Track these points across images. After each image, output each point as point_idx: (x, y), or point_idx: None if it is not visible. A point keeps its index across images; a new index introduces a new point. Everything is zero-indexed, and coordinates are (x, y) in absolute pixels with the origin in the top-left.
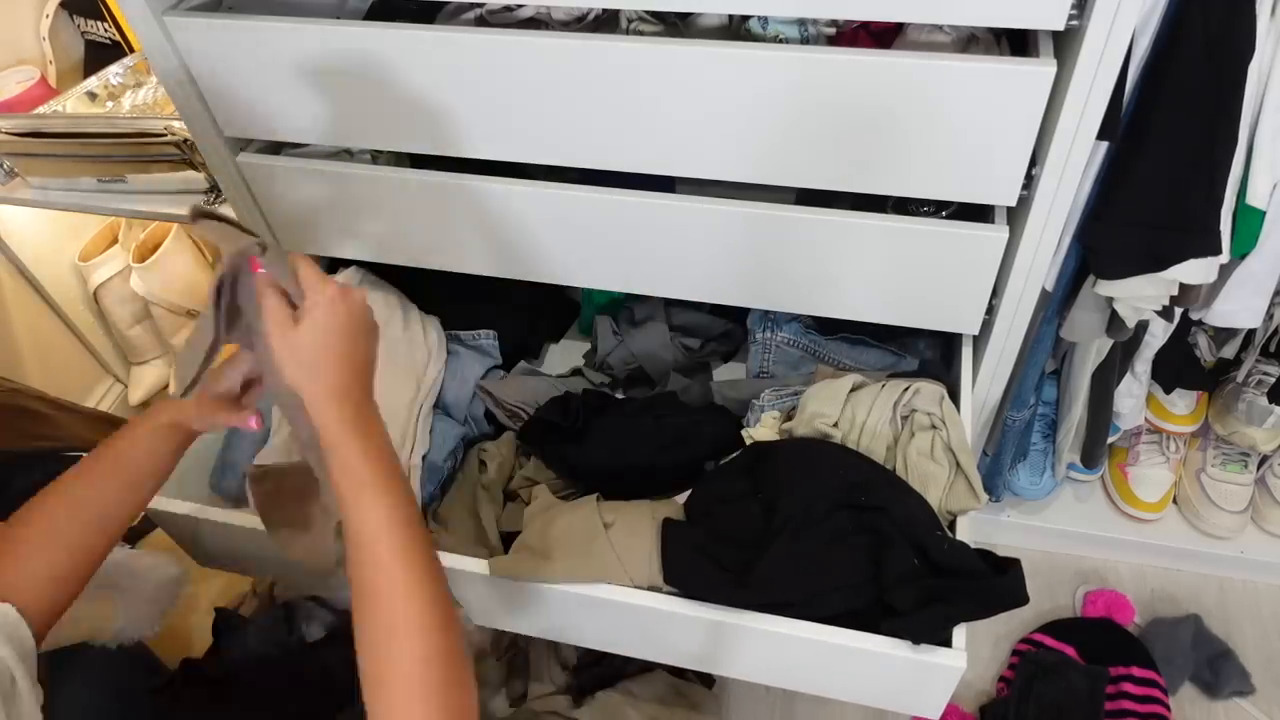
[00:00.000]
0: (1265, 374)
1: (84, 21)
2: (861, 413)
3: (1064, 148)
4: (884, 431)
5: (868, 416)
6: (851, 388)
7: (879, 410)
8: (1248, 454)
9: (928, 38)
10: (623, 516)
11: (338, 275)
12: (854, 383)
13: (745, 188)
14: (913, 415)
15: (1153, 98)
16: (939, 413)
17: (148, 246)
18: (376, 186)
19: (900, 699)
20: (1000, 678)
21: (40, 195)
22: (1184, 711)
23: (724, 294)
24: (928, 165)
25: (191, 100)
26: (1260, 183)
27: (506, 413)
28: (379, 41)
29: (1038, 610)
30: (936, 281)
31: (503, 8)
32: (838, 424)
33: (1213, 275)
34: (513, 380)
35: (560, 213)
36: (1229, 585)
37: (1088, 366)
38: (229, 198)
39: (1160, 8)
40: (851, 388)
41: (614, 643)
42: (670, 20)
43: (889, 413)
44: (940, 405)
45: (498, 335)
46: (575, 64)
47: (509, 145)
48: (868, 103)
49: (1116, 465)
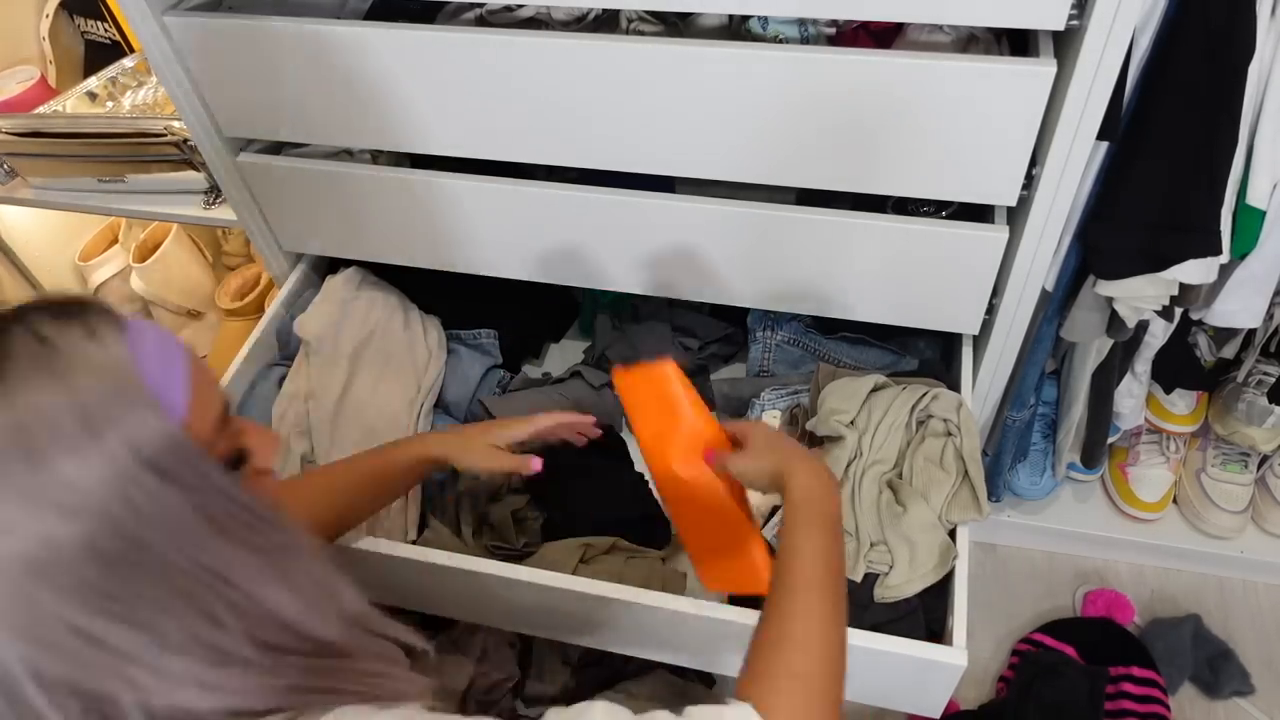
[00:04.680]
0: (1265, 374)
1: (84, 21)
2: (878, 413)
3: (1064, 148)
4: (898, 433)
5: (884, 417)
6: (873, 388)
7: (895, 412)
8: (1248, 454)
9: (928, 38)
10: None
11: (338, 275)
12: (875, 383)
13: (745, 188)
14: (928, 420)
15: (1153, 98)
16: (955, 419)
17: (148, 246)
18: (376, 186)
19: (901, 697)
20: (1000, 678)
21: (40, 195)
22: (1184, 711)
23: (724, 294)
24: (928, 165)
25: (191, 100)
26: (1260, 183)
27: None
28: (379, 41)
29: (1038, 610)
30: (936, 281)
31: (503, 8)
32: (854, 422)
33: (1213, 275)
34: (511, 398)
35: (560, 213)
36: (1229, 585)
37: (1088, 366)
38: (229, 198)
39: (1160, 8)
40: (873, 388)
41: (615, 642)
42: (670, 20)
43: (905, 415)
44: (958, 412)
45: (498, 334)
46: (575, 64)
47: (509, 145)
48: (868, 103)
49: (1116, 465)
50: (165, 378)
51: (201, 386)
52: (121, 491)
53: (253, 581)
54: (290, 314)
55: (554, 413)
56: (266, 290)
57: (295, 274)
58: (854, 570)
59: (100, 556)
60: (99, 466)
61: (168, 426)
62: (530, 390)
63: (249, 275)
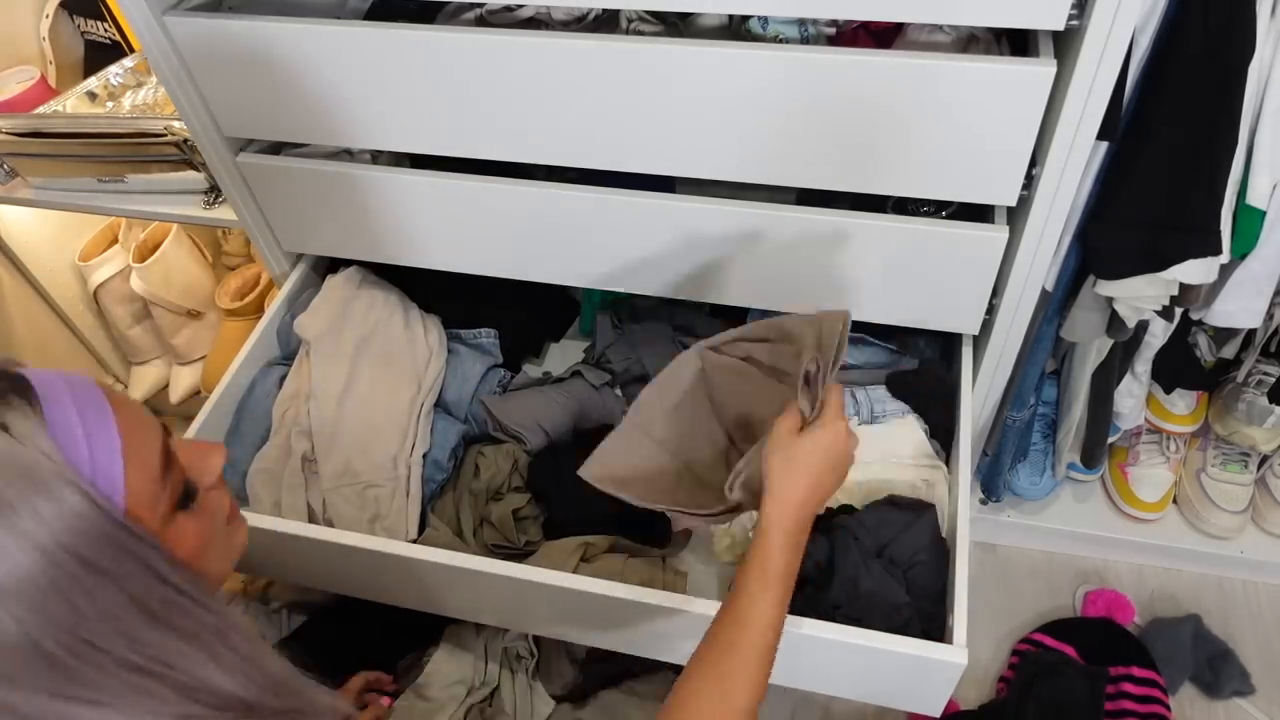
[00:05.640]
0: (1265, 374)
1: (84, 21)
2: None
3: (1064, 148)
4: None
5: None
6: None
7: None
8: (1248, 454)
9: (928, 38)
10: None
11: (338, 275)
12: (584, 551)
13: (745, 188)
14: None
15: (1153, 97)
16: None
17: (148, 246)
18: (376, 186)
19: (901, 697)
20: (1000, 678)
21: (40, 195)
22: (1184, 711)
23: (724, 294)
24: (927, 165)
25: (192, 100)
26: (1260, 183)
27: (506, 434)
28: (378, 41)
29: (1038, 610)
30: (936, 281)
31: (503, 8)
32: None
33: (1213, 275)
34: (512, 398)
35: (560, 213)
36: (1229, 585)
37: (1088, 366)
38: (229, 198)
39: (1160, 8)
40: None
41: (615, 641)
42: (670, 20)
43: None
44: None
45: (498, 334)
46: (575, 64)
47: (509, 145)
48: (868, 103)
49: (1116, 465)
50: (95, 449)
51: (136, 437)
52: (57, 588)
53: (189, 663)
54: (290, 314)
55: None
56: (266, 290)
57: (295, 274)
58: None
59: (43, 654)
60: (29, 565)
61: (97, 512)
62: (530, 390)
63: (249, 275)
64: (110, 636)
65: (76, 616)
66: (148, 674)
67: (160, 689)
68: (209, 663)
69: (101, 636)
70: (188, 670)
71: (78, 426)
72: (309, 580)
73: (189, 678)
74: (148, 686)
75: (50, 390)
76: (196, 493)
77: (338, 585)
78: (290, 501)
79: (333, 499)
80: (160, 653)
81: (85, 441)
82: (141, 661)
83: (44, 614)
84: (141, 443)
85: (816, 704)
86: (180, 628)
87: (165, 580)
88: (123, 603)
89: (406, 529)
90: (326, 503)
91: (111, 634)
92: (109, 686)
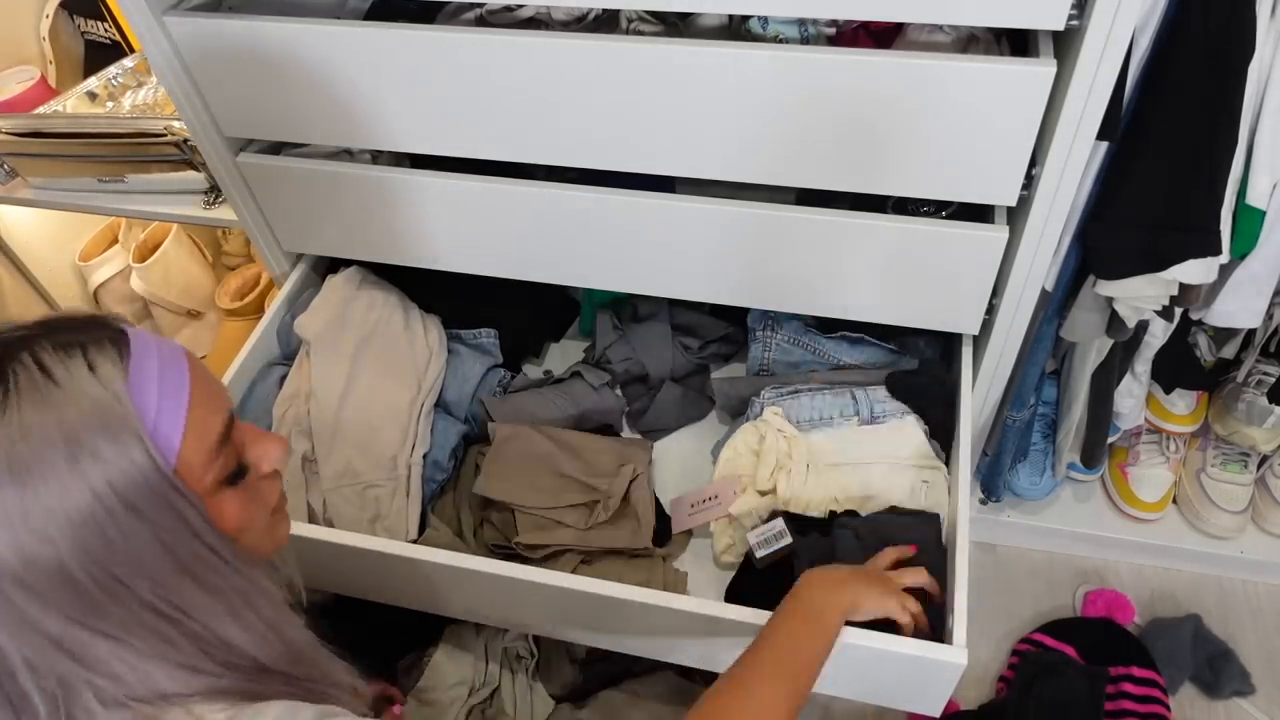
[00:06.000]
0: (1265, 374)
1: (84, 21)
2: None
3: (1064, 148)
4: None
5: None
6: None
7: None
8: (1248, 454)
9: (928, 38)
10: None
11: (338, 275)
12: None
13: (745, 188)
14: None
15: (1153, 97)
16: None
17: (148, 246)
18: (376, 186)
19: (901, 697)
20: (1000, 678)
21: (40, 195)
22: (1184, 711)
23: (724, 294)
24: (927, 165)
25: (192, 100)
26: (1260, 183)
27: None
28: (379, 41)
29: (1037, 610)
30: (936, 281)
31: (503, 8)
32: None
33: (1213, 275)
34: (511, 398)
35: (560, 213)
36: (1229, 585)
37: (1088, 366)
38: (229, 198)
39: (1160, 8)
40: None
41: (615, 642)
42: (670, 20)
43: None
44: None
45: (498, 334)
46: (575, 64)
47: (509, 145)
48: (868, 103)
49: (1116, 465)
50: (162, 409)
51: (203, 408)
52: (96, 523)
53: (208, 616)
54: (290, 314)
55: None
56: (266, 290)
57: (295, 274)
58: None
59: (72, 580)
60: (78, 497)
61: (150, 464)
62: (530, 390)
63: (249, 275)
64: (135, 576)
65: (109, 551)
66: (164, 617)
67: (174, 634)
68: (227, 618)
69: (127, 574)
70: (204, 622)
71: (154, 384)
72: (309, 580)
73: (204, 629)
74: (163, 630)
75: (142, 348)
76: (246, 472)
77: (338, 585)
78: (290, 501)
79: (333, 499)
80: (180, 600)
81: (156, 399)
82: (161, 605)
83: (79, 543)
84: (206, 414)
85: (816, 704)
86: (205, 582)
87: (198, 536)
88: (154, 548)
89: (407, 529)
90: (327, 503)
91: (137, 574)
92: (126, 623)
